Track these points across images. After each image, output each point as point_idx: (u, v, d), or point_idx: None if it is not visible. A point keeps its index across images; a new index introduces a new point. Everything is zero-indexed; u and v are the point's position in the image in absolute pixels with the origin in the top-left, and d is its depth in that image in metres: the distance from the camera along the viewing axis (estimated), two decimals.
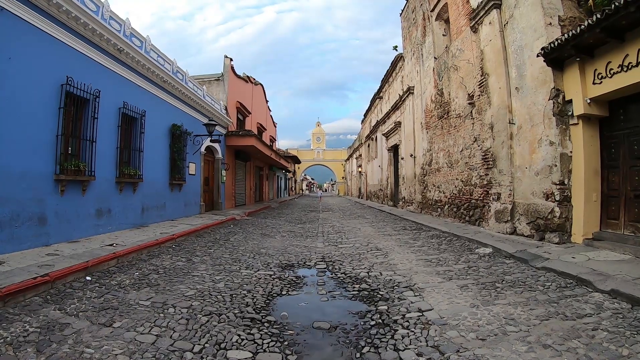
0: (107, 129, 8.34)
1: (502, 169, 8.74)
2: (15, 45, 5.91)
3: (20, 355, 2.62)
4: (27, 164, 6.16)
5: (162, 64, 11.13)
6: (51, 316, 3.40)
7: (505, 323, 3.17)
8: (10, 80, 5.82)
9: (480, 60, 9.72)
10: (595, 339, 2.78)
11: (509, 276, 4.86)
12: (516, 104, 8.26)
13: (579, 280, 4.40)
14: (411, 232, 9.74)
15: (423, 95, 15.20)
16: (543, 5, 7.18)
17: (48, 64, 6.61)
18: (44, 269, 4.62)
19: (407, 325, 3.22)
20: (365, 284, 4.67)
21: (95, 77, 7.91)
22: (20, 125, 5.99)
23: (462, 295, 4.06)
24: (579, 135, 6.70)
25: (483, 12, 9.32)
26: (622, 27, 5.51)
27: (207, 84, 17.75)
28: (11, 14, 5.81)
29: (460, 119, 11.25)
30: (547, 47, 6.62)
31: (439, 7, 13.22)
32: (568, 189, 6.82)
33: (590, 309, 3.48)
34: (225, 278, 4.94)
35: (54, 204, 6.74)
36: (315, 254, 6.74)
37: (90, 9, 7.57)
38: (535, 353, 2.60)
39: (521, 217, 7.94)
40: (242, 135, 18.27)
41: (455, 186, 11.69)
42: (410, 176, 17.31)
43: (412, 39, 16.93)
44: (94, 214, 7.93)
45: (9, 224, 5.75)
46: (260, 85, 26.84)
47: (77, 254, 5.78)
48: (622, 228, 6.16)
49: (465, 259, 6.06)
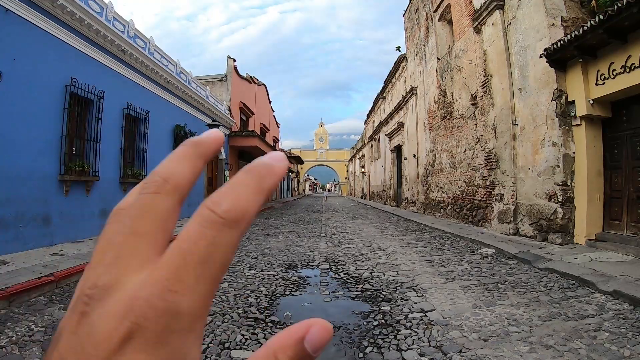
0: (111, 130, 8.39)
1: (505, 169, 8.73)
2: (19, 47, 5.96)
3: (26, 354, 2.65)
4: (32, 165, 6.21)
5: (166, 64, 11.18)
6: (56, 316, 3.43)
7: (507, 324, 3.18)
8: (15, 81, 5.87)
9: (483, 61, 9.71)
10: (597, 340, 2.79)
11: (511, 277, 4.86)
12: (519, 104, 8.25)
13: (581, 281, 4.40)
14: (414, 233, 9.74)
15: (426, 95, 15.19)
16: (546, 6, 7.18)
17: (52, 65, 6.66)
18: (48, 269, 4.66)
19: (409, 326, 3.24)
20: (368, 284, 4.68)
21: (99, 78, 7.95)
22: (24, 126, 6.04)
23: (464, 295, 4.07)
24: (581, 136, 6.69)
25: (486, 13, 9.32)
26: (624, 28, 5.51)
27: (211, 85, 17.81)
28: (16, 15, 5.86)
29: (463, 119, 11.24)
30: (550, 48, 6.61)
31: (441, 8, 13.21)
32: (571, 189, 6.81)
33: (593, 309, 3.49)
34: (228, 278, 4.96)
35: (58, 204, 6.78)
36: (318, 255, 6.76)
37: (94, 10, 7.62)
38: (537, 353, 2.61)
39: (524, 218, 7.94)
40: (245, 135, 18.31)
41: (458, 187, 11.68)
42: (413, 177, 17.30)
43: (415, 39, 16.92)
44: (98, 214, 7.97)
45: (13, 224, 5.80)
46: (263, 85, 26.89)
47: (82, 254, 5.82)
48: (624, 229, 6.15)
49: (468, 260, 6.06)
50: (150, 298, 0.17)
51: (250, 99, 22.60)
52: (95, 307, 0.18)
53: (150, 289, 0.17)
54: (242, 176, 0.20)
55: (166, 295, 0.17)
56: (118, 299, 0.17)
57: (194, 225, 0.19)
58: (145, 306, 0.17)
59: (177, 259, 0.18)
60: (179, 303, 0.17)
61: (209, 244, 0.18)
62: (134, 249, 0.19)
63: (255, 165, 0.21)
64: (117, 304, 0.17)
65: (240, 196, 0.19)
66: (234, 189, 0.20)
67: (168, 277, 0.17)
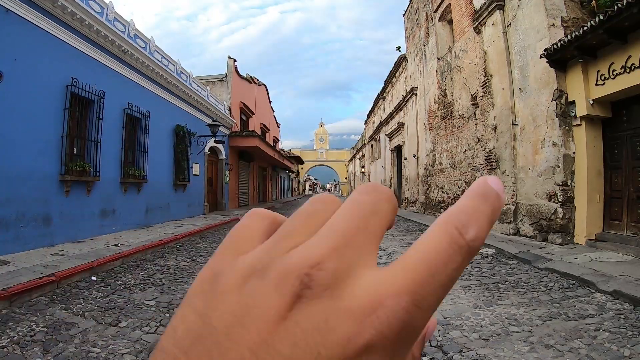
0: (111, 130, 8.40)
1: (506, 169, 8.73)
2: (20, 47, 5.98)
3: (28, 354, 2.66)
4: (33, 165, 6.21)
5: (166, 64, 11.19)
6: (57, 316, 3.44)
7: (508, 323, 3.19)
8: (15, 81, 5.87)
9: (483, 61, 9.72)
10: (597, 340, 2.80)
11: (511, 277, 4.87)
12: (519, 105, 8.25)
13: (581, 281, 4.40)
14: (414, 233, 9.75)
15: (426, 96, 15.19)
16: (546, 7, 7.18)
17: (53, 65, 6.67)
18: (49, 269, 4.67)
19: None
20: None
21: (99, 78, 7.96)
22: (25, 126, 6.05)
23: (465, 295, 4.08)
24: (582, 137, 6.69)
25: (486, 13, 9.32)
26: (624, 29, 5.51)
27: (211, 85, 17.80)
28: (17, 15, 5.87)
29: (464, 119, 11.24)
30: (550, 48, 6.61)
31: (442, 8, 13.21)
32: (571, 190, 6.82)
33: (593, 309, 3.49)
34: None
35: (59, 205, 6.79)
36: None
37: (95, 10, 7.63)
38: (538, 353, 2.61)
39: (524, 218, 7.94)
40: (245, 135, 18.31)
41: (459, 187, 11.68)
42: (413, 177, 17.30)
43: (415, 39, 16.92)
44: (98, 214, 7.98)
45: (14, 224, 5.81)
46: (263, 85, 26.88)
47: (82, 254, 5.83)
48: (624, 229, 6.15)
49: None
50: (397, 308, 0.16)
51: (250, 99, 22.60)
52: (323, 295, 0.16)
53: (398, 299, 0.16)
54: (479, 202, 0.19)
55: (412, 309, 0.16)
56: (359, 296, 0.16)
57: (443, 244, 0.17)
58: (391, 316, 0.16)
59: (426, 274, 0.17)
60: (419, 319, 0.16)
61: (455, 270, 0.17)
62: (363, 244, 0.18)
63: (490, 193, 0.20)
64: (359, 304, 0.16)
65: (482, 225, 0.18)
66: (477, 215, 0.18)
67: (414, 290, 0.16)
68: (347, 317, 0.15)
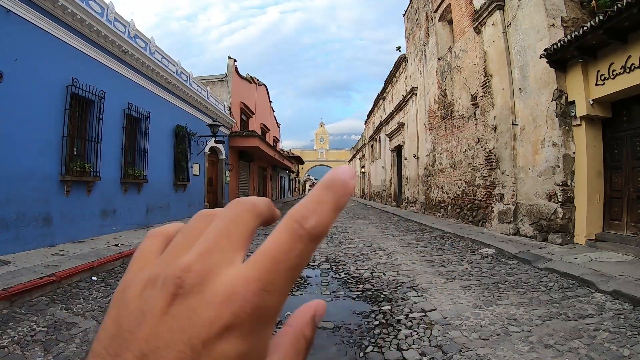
0: (112, 130, 8.41)
1: (506, 169, 8.74)
2: (21, 47, 5.99)
3: (28, 354, 2.66)
4: (33, 165, 6.22)
5: (167, 65, 11.19)
6: (58, 316, 3.44)
7: (507, 323, 3.19)
8: (16, 81, 5.88)
9: (483, 61, 9.72)
10: (597, 340, 2.80)
11: (511, 277, 4.87)
12: (519, 105, 8.26)
13: (581, 281, 4.41)
14: (414, 233, 9.75)
15: (426, 96, 15.20)
16: (546, 7, 7.19)
17: (53, 65, 6.68)
18: (50, 269, 4.67)
19: (410, 325, 3.25)
20: (368, 284, 4.69)
21: (100, 78, 7.97)
22: (26, 127, 6.06)
23: (465, 295, 4.08)
24: (581, 137, 6.69)
25: (486, 13, 9.32)
26: (624, 29, 5.51)
27: (211, 85, 17.80)
28: (17, 16, 5.88)
29: (464, 119, 11.25)
30: (550, 48, 6.62)
31: (442, 8, 13.22)
32: (571, 190, 6.82)
33: (592, 309, 3.50)
34: None
35: (59, 205, 6.80)
36: (318, 254, 6.77)
37: (95, 10, 7.64)
38: (537, 353, 2.62)
39: (524, 218, 7.94)
40: (245, 135, 18.31)
41: (459, 187, 11.69)
42: (413, 177, 17.30)
43: (415, 39, 16.93)
44: (99, 214, 7.99)
45: (14, 224, 5.82)
46: (263, 85, 26.89)
47: (83, 254, 5.84)
48: (624, 229, 6.16)
49: (469, 260, 6.07)
50: (247, 294, 0.19)
51: (250, 99, 22.60)
52: (192, 291, 0.19)
53: (247, 286, 0.20)
54: (323, 193, 0.23)
55: (261, 293, 0.19)
56: (218, 289, 0.19)
57: (284, 236, 0.21)
58: (243, 301, 0.19)
59: (270, 263, 0.20)
60: (269, 301, 0.20)
61: (298, 255, 0.21)
62: (226, 247, 0.22)
63: (333, 182, 0.23)
64: (218, 294, 0.19)
65: (323, 214, 0.22)
66: (318, 205, 0.22)
67: (261, 277, 0.20)
68: (208, 305, 0.19)
